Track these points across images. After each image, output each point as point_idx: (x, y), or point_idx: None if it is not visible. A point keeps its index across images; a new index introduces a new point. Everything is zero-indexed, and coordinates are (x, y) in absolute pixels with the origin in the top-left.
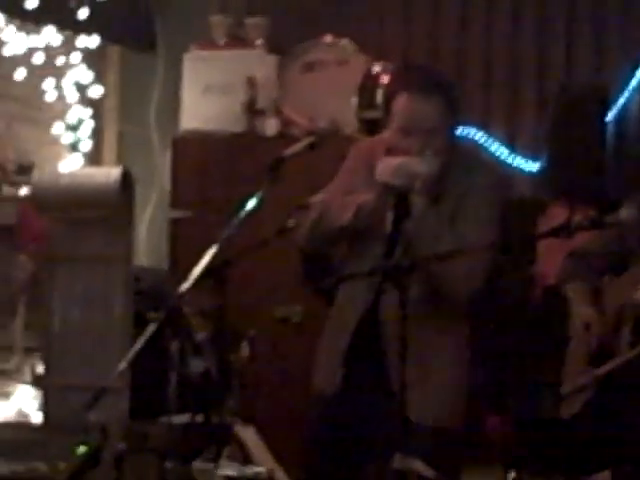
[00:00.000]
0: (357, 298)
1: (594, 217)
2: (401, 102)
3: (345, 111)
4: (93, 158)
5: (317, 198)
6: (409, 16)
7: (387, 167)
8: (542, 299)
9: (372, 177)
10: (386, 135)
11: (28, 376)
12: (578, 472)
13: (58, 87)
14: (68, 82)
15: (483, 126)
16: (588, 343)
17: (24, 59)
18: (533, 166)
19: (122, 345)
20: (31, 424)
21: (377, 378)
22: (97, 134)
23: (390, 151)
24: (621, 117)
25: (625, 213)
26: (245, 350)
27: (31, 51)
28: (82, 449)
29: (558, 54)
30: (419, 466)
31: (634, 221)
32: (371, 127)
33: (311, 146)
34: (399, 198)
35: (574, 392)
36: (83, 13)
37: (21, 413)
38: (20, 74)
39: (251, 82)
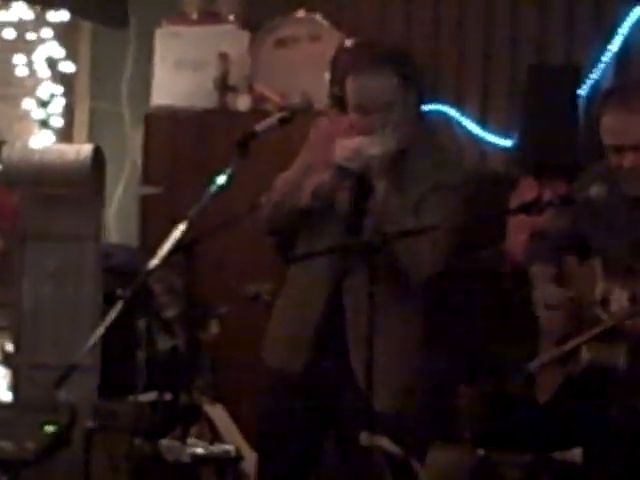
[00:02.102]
0: (319, 281)
1: (563, 194)
2: (351, 82)
3: (318, 87)
4: (64, 134)
5: (279, 179)
6: None
7: (343, 150)
8: (511, 275)
9: (330, 157)
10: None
11: None
12: (549, 449)
13: (29, 63)
14: (39, 58)
15: (456, 102)
16: (556, 320)
17: None
18: (506, 142)
19: (92, 323)
20: (0, 402)
21: (341, 362)
22: (68, 110)
23: (352, 131)
24: (593, 93)
25: (595, 190)
26: (214, 328)
27: (1, 26)
28: (51, 428)
29: (530, 30)
30: (385, 443)
31: (603, 198)
32: (343, 103)
33: (283, 121)
34: (358, 179)
35: (541, 367)
36: None
37: None
38: None
39: (223, 58)
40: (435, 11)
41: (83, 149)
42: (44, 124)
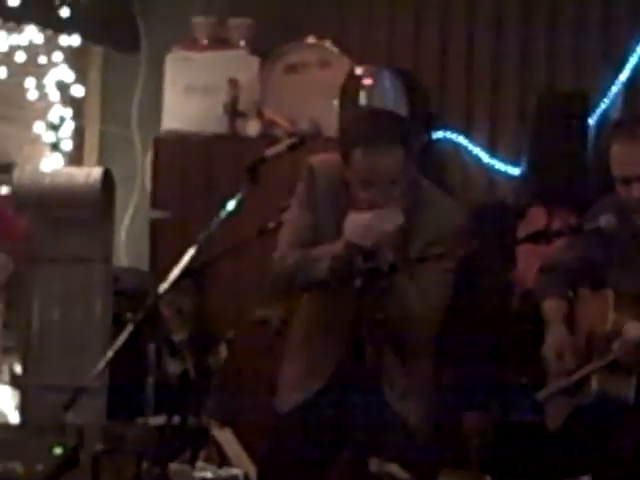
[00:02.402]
0: (337, 330)
1: (573, 223)
2: (359, 155)
3: (327, 113)
4: (74, 158)
5: (283, 237)
6: (392, 20)
7: (355, 227)
8: (520, 303)
9: (335, 198)
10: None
11: (6, 376)
12: (557, 477)
13: (40, 86)
14: (50, 81)
15: (464, 130)
16: (559, 370)
17: (6, 58)
18: (514, 170)
19: (101, 346)
20: (8, 424)
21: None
22: (78, 134)
23: (354, 202)
24: (602, 122)
25: (604, 220)
26: (223, 352)
27: (13, 50)
28: (59, 450)
29: (540, 59)
30: (394, 469)
31: (613, 228)
32: None
33: (292, 147)
34: (367, 253)
35: (549, 397)
36: (65, 12)
37: None
38: (1, 73)
39: (233, 83)
40: (444, 38)
41: (93, 172)
42: (54, 147)
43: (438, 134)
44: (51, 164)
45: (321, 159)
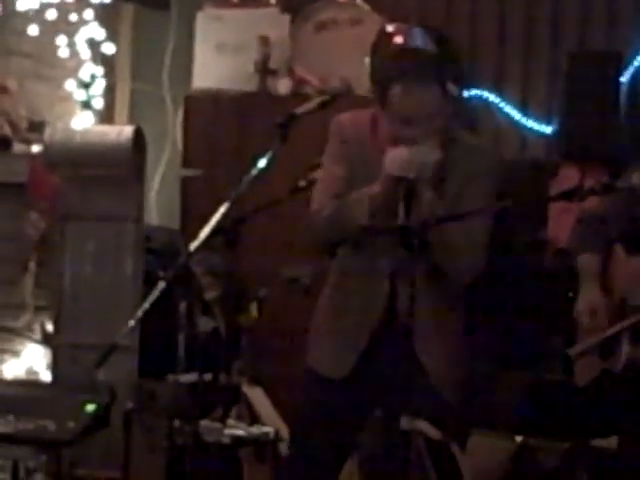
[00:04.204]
0: (372, 297)
1: (606, 181)
2: (398, 92)
3: (358, 71)
4: (105, 116)
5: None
6: None
7: (396, 159)
8: (553, 262)
9: (366, 154)
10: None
11: (38, 334)
12: (585, 436)
13: (71, 44)
14: (81, 39)
15: (496, 88)
16: (593, 329)
17: (37, 15)
18: (546, 128)
19: (132, 304)
20: (40, 382)
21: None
22: (109, 92)
23: (392, 140)
24: (635, 79)
25: (637, 178)
26: (254, 310)
27: (44, 7)
28: (91, 407)
29: (572, 18)
30: (426, 427)
31: None
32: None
33: (323, 105)
34: (408, 188)
35: (582, 353)
36: None
37: (31, 371)
38: (33, 30)
39: (264, 41)
40: None
41: (124, 130)
42: (85, 105)
43: (470, 92)
44: (82, 122)
45: (349, 115)
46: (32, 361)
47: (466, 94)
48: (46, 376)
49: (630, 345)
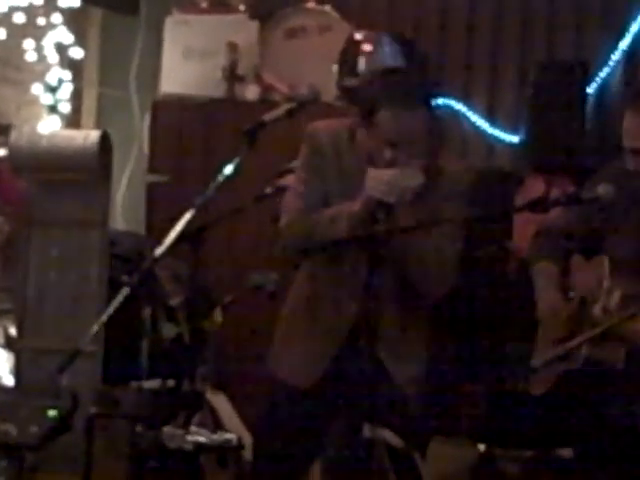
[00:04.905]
0: (341, 307)
1: (571, 192)
2: (386, 117)
3: (326, 78)
4: (72, 120)
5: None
6: None
7: (378, 182)
8: (517, 272)
9: (342, 165)
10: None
11: (1, 338)
12: (547, 445)
13: (38, 48)
14: (48, 43)
15: (464, 96)
16: (555, 328)
17: (5, 19)
18: (513, 138)
19: (97, 309)
20: (3, 386)
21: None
22: (76, 96)
23: (371, 156)
24: (602, 90)
25: (602, 189)
26: (218, 317)
27: (12, 10)
28: (53, 413)
29: (540, 27)
30: (388, 435)
31: (611, 197)
32: (351, 95)
33: (290, 112)
34: (386, 209)
35: (544, 365)
36: None
37: None
38: (0, 34)
39: (232, 47)
40: (444, 3)
41: (90, 135)
42: (52, 109)
43: (437, 101)
44: (49, 126)
45: (325, 124)
46: None
47: (435, 106)
48: (9, 380)
49: (588, 345)
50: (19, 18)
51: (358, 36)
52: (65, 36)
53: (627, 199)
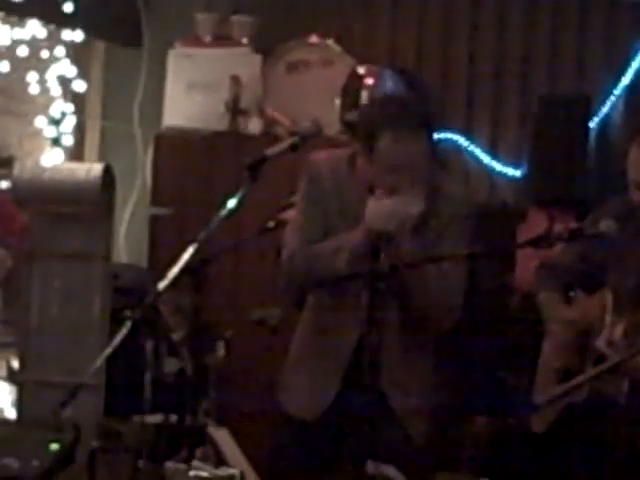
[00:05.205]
0: (344, 334)
1: (574, 228)
2: (387, 142)
3: (328, 112)
4: (75, 153)
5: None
6: (395, 19)
7: (378, 213)
8: (520, 306)
9: (343, 195)
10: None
11: (3, 371)
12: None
13: (42, 80)
14: (52, 76)
15: (466, 131)
16: (569, 341)
17: (8, 52)
18: (515, 172)
19: (99, 343)
20: (5, 420)
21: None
22: (79, 129)
23: (373, 187)
24: (604, 125)
25: (605, 225)
26: (221, 351)
27: (15, 44)
28: (55, 446)
29: (542, 62)
30: (391, 472)
31: (614, 233)
32: (354, 129)
33: (293, 147)
34: (387, 238)
35: (548, 403)
36: (68, 7)
37: None
38: (4, 67)
39: (235, 81)
40: (446, 38)
41: (93, 168)
42: (55, 142)
43: (439, 134)
44: (52, 159)
45: (324, 154)
46: None
47: (436, 136)
48: (11, 414)
49: (591, 378)
50: (22, 51)
51: (360, 70)
52: (68, 69)
53: (630, 234)
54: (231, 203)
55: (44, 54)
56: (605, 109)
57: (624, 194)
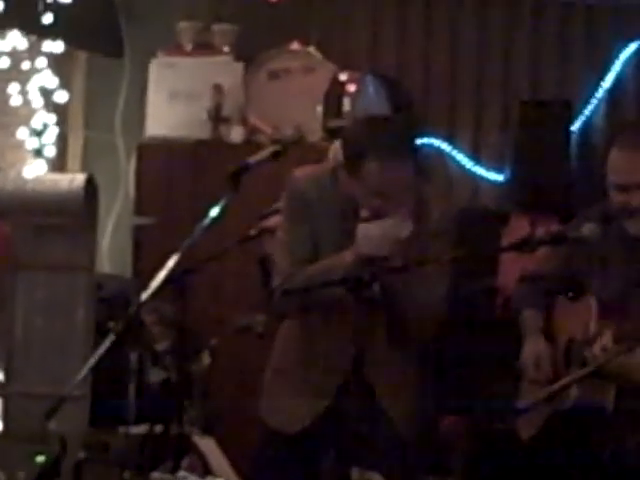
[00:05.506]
0: (337, 348)
1: (556, 232)
2: (373, 169)
3: (310, 119)
4: (57, 164)
5: (281, 257)
6: (376, 25)
7: (369, 239)
8: (503, 310)
9: (329, 211)
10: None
11: None
12: None
13: (23, 92)
14: (33, 87)
15: (448, 136)
16: (538, 379)
17: None
18: (498, 177)
19: (84, 353)
20: None
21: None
22: (62, 140)
23: (361, 210)
24: (586, 128)
25: (587, 229)
26: (206, 359)
27: None
28: (41, 458)
29: (523, 66)
30: (377, 479)
31: (596, 237)
32: (336, 135)
33: (275, 155)
34: (379, 262)
35: (531, 407)
36: (48, 18)
37: None
38: None
39: (217, 89)
40: (427, 44)
41: (76, 179)
42: (38, 153)
43: (422, 140)
44: (34, 170)
45: (306, 171)
46: None
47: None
48: None
49: (578, 386)
50: (4, 62)
51: (342, 77)
52: (50, 80)
53: (613, 238)
54: (214, 212)
55: (25, 65)
56: (587, 113)
57: (607, 198)
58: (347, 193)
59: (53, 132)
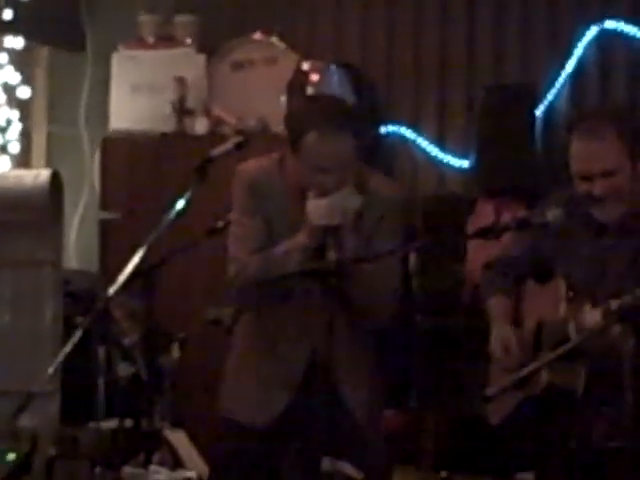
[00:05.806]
0: (296, 342)
1: (521, 218)
2: (311, 141)
3: (275, 109)
4: (21, 160)
5: (236, 248)
6: (339, 14)
7: (319, 210)
8: (470, 298)
9: (279, 200)
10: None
11: None
12: (504, 472)
13: None
14: None
15: (413, 123)
16: (507, 365)
17: None
18: (463, 163)
19: (52, 349)
20: None
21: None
22: (25, 135)
23: (303, 185)
24: (549, 113)
25: (552, 214)
26: (175, 352)
27: None
28: (12, 455)
29: (486, 52)
30: (347, 468)
31: (561, 222)
32: None
33: (238, 146)
34: (333, 233)
35: (499, 393)
36: (8, 14)
37: None
38: None
39: (180, 81)
40: (390, 32)
41: (41, 174)
42: (2, 150)
43: (386, 128)
44: None
45: (255, 163)
46: None
47: (383, 131)
48: None
49: (549, 371)
50: None
51: (305, 66)
52: (12, 76)
53: (577, 223)
54: (179, 205)
55: None
56: (550, 97)
57: (572, 183)
58: (294, 182)
59: (16, 128)
